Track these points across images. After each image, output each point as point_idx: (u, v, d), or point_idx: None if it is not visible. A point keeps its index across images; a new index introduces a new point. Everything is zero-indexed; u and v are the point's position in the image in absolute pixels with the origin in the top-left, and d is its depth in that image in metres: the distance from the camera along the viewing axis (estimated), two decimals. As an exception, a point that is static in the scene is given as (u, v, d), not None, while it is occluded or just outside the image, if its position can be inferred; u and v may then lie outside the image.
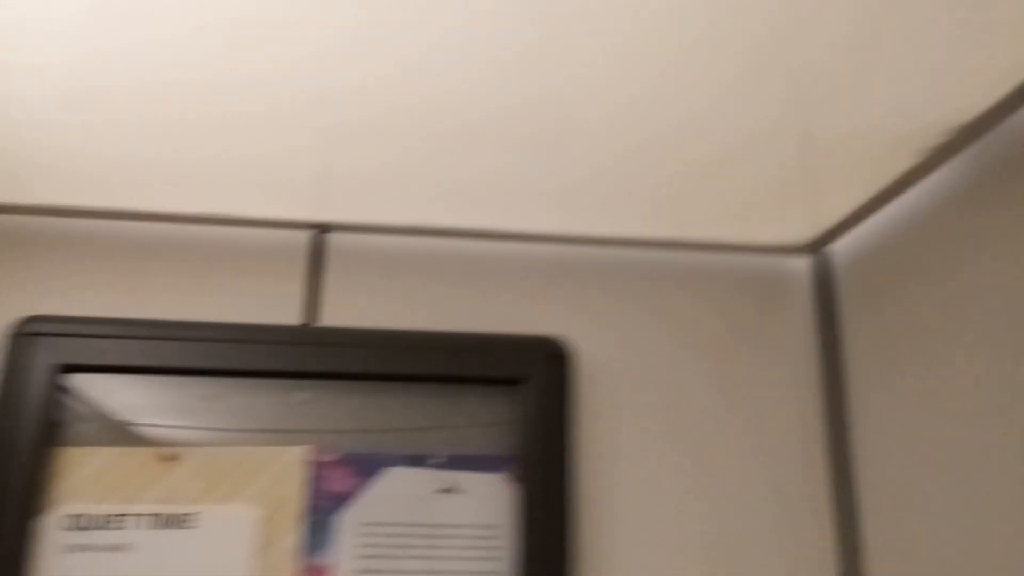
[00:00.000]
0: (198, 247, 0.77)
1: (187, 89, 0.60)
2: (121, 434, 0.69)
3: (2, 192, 0.72)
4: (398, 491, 0.70)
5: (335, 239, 0.79)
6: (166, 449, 0.69)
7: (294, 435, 0.71)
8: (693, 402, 0.77)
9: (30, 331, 0.69)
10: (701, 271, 0.82)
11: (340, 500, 0.69)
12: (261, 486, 0.69)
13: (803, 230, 0.79)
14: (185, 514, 0.68)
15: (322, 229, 0.79)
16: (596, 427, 0.75)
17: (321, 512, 0.69)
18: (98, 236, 0.76)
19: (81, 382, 0.70)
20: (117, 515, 0.67)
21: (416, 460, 0.71)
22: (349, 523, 0.69)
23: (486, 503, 0.70)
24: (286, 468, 0.70)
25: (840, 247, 0.80)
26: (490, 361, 0.73)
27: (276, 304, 0.76)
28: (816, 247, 0.82)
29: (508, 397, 0.73)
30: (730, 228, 0.78)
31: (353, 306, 0.77)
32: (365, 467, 0.70)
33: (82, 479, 0.68)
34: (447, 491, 0.70)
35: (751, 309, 0.81)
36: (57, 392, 0.69)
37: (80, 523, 0.67)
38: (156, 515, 0.67)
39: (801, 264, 0.83)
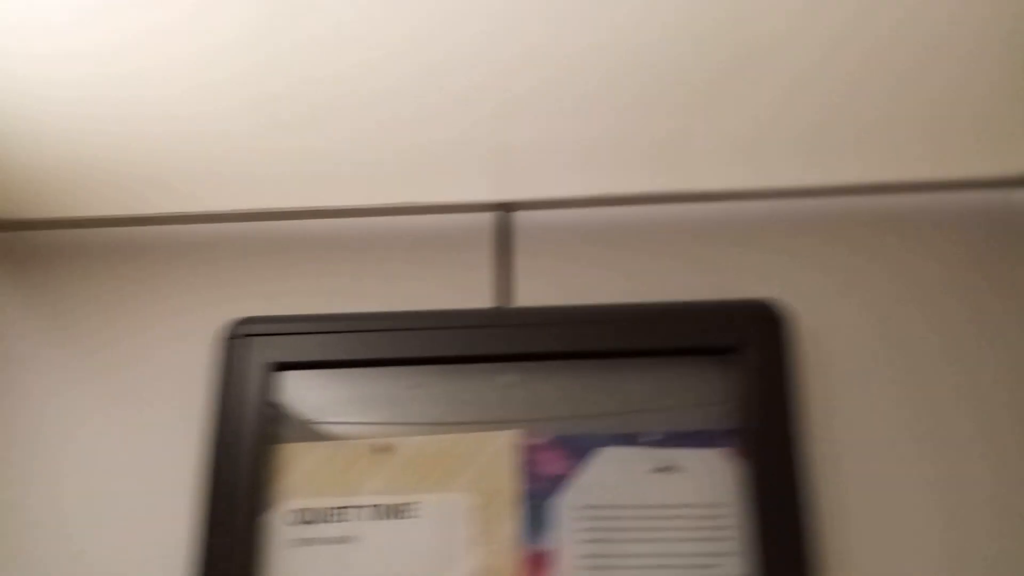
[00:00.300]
0: (386, 238, 0.77)
1: (362, 82, 0.60)
2: (334, 428, 0.70)
3: (200, 202, 0.75)
4: (614, 472, 0.67)
5: (521, 217, 0.77)
6: (379, 440, 0.70)
7: (502, 419, 0.69)
8: (931, 363, 0.69)
9: (242, 332, 0.72)
10: (926, 214, 0.74)
11: (555, 484, 0.67)
12: (474, 473, 0.68)
13: (1044, 157, 0.69)
14: (404, 504, 0.68)
15: (506, 208, 0.77)
16: (823, 394, 0.69)
17: (537, 497, 0.67)
18: (294, 236, 0.78)
19: (293, 379, 0.71)
20: (339, 508, 0.68)
21: (629, 439, 0.68)
22: (567, 507, 0.66)
23: (708, 481, 0.66)
24: (497, 454, 0.68)
25: (1092, 172, 0.69)
26: (700, 330, 0.68)
27: (467, 288, 0.75)
28: (1062, 175, 0.72)
29: (722, 368, 0.68)
30: (956, 162, 0.70)
31: (547, 284, 0.74)
32: (577, 449, 0.68)
33: (302, 474, 0.69)
34: (665, 470, 0.67)
35: (988, 252, 0.72)
36: (272, 390, 0.70)
37: (305, 517, 0.68)
38: (376, 506, 0.68)
39: (1041, 197, 0.73)
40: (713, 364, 0.69)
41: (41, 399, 0.74)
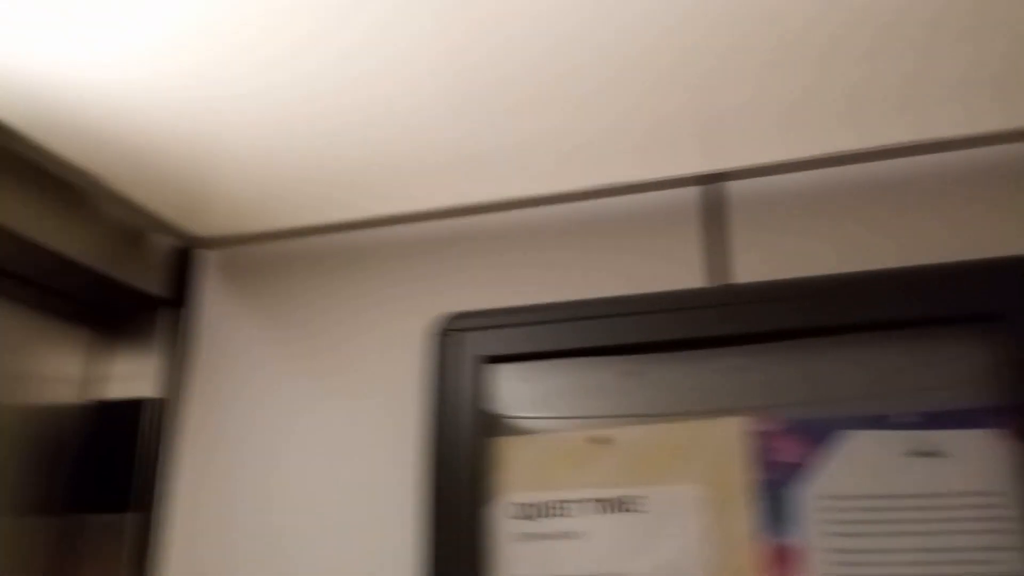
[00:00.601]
0: (590, 223, 0.74)
1: (554, 66, 0.57)
2: (550, 420, 0.68)
3: (404, 203, 0.76)
4: (862, 458, 0.60)
5: (732, 187, 0.72)
6: (597, 432, 0.67)
7: (728, 406, 0.64)
8: None
9: (453, 328, 0.71)
10: None
11: (794, 472, 0.61)
12: (702, 463, 0.64)
13: None
14: (629, 497, 0.64)
15: (715, 179, 0.72)
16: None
17: (775, 487, 0.61)
18: (498, 229, 0.77)
19: (505, 372, 0.70)
20: (561, 502, 0.66)
21: (879, 421, 0.61)
22: (811, 498, 0.60)
23: (977, 466, 0.58)
24: (726, 442, 0.63)
25: None
26: (956, 296, 0.60)
27: (678, 268, 0.71)
28: None
29: (987, 337, 0.60)
30: None
31: (766, 257, 0.69)
32: (817, 433, 0.62)
33: (520, 468, 0.68)
34: (924, 454, 0.59)
35: None
36: (484, 384, 0.69)
37: (526, 512, 0.66)
38: (599, 500, 0.65)
39: None
40: (975, 333, 0.60)
41: (266, 404, 0.78)
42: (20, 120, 0.61)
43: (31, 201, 0.68)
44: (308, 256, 0.82)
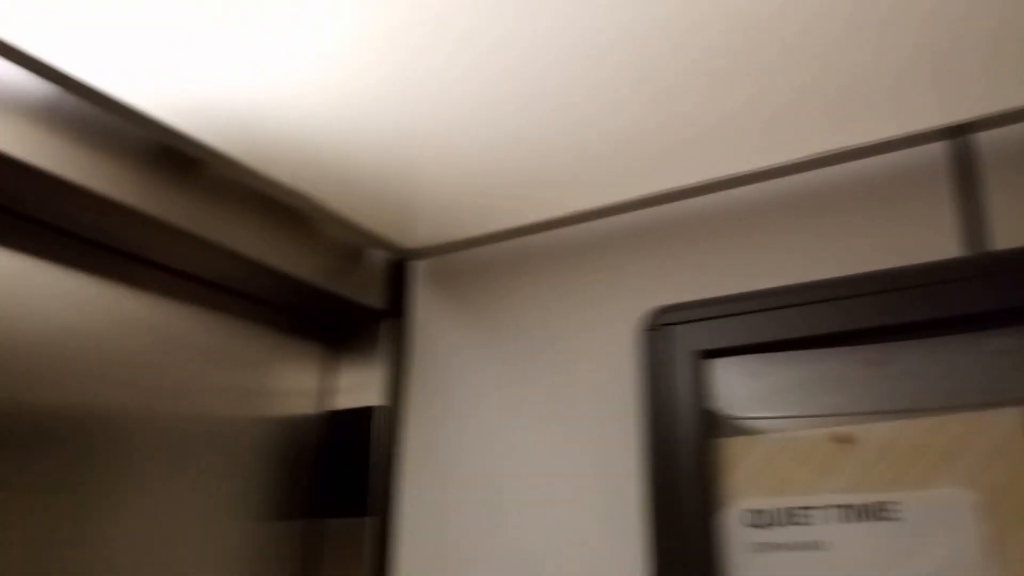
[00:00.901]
0: (813, 196, 0.67)
1: (759, 21, 0.51)
2: (782, 419, 0.62)
3: (601, 195, 0.72)
4: None
5: (984, 139, 0.61)
6: (838, 430, 0.59)
7: (997, 397, 0.54)
8: None
9: (665, 322, 0.67)
10: None
11: (1096, 474, 0.50)
12: (972, 464, 0.54)
13: None
14: (881, 503, 0.56)
15: (962, 131, 0.62)
16: None
17: (1071, 492, 0.51)
18: (706, 213, 0.71)
19: (725, 366, 0.64)
20: (800, 508, 0.59)
21: None
22: (1122, 505, 0.49)
23: None
24: (1004, 437, 0.53)
25: None
26: None
27: (924, 237, 0.61)
28: None
29: None
30: None
31: (1037, 216, 0.58)
32: None
33: (749, 471, 0.62)
34: None
35: None
36: (702, 380, 0.64)
37: (761, 519, 0.60)
38: (845, 506, 0.57)
39: None
40: None
41: (481, 407, 0.77)
42: (243, 152, 0.66)
43: (261, 228, 0.73)
44: (514, 258, 0.81)
